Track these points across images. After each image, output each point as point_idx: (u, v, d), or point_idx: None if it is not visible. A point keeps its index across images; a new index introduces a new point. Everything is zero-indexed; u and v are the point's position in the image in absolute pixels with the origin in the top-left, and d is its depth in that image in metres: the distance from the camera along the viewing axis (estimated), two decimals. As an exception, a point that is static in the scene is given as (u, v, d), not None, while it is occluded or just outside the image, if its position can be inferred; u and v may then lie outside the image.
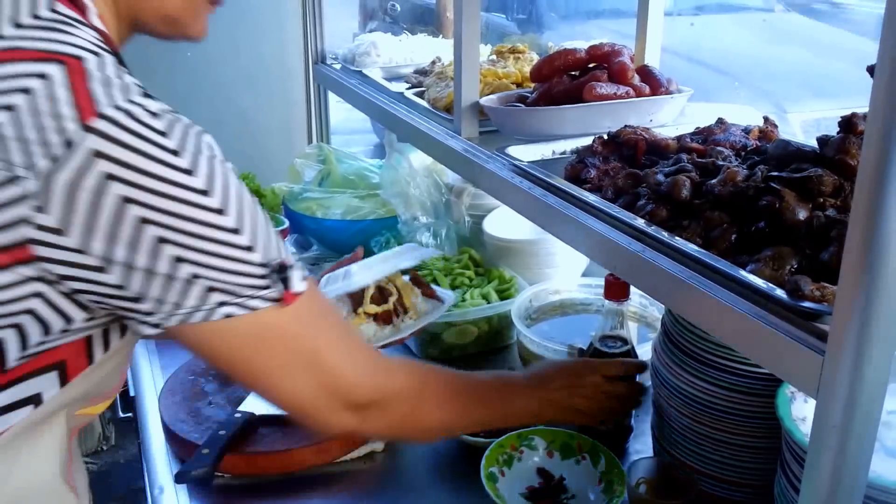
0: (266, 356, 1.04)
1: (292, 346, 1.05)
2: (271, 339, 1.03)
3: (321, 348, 1.09)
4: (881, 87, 0.68)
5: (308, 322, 1.06)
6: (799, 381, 0.84)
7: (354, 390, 1.13)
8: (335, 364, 1.10)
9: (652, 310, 1.94)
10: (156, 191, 0.87)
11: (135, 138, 0.86)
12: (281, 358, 1.05)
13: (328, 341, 1.10)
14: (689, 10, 5.76)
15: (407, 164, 2.23)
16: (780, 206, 0.99)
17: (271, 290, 0.98)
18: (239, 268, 0.94)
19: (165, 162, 0.88)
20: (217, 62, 2.85)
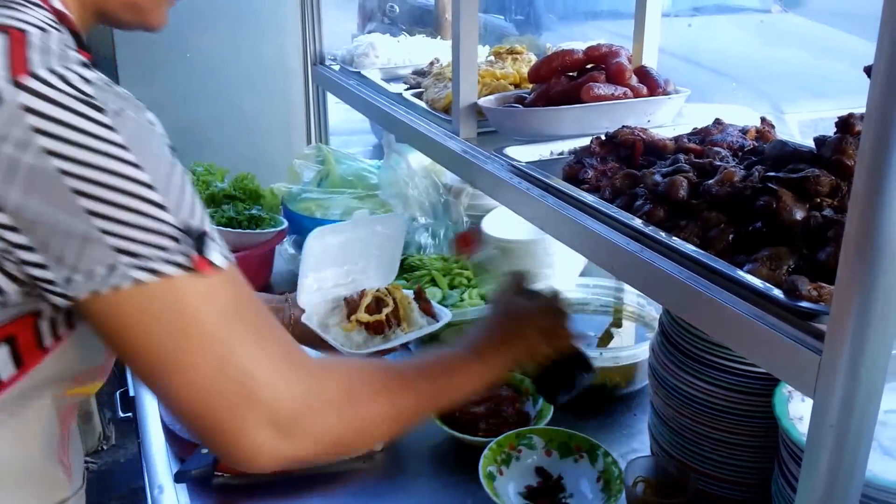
0: (171, 334, 0.91)
1: (199, 326, 0.93)
2: (176, 314, 0.91)
3: (235, 338, 0.95)
4: (878, 87, 0.69)
5: (222, 304, 0.95)
6: (796, 380, 0.85)
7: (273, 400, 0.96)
8: (251, 361, 0.95)
9: (649, 309, 1.95)
10: (76, 142, 0.86)
11: (61, 95, 0.86)
12: (184, 340, 0.92)
13: (246, 332, 0.96)
14: (687, 12, 5.77)
15: (405, 165, 2.23)
16: (778, 207, 1.00)
17: (182, 255, 0.90)
18: (148, 224, 0.88)
19: (89, 117, 0.87)
20: (216, 64, 2.85)
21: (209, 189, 2.36)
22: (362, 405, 1.08)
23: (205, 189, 2.36)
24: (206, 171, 2.43)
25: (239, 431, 0.94)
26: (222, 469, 1.48)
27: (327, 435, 1.02)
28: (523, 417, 1.65)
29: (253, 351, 0.96)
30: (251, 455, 0.96)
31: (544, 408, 1.65)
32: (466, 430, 1.59)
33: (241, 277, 0.99)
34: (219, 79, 2.88)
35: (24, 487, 1.06)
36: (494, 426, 1.60)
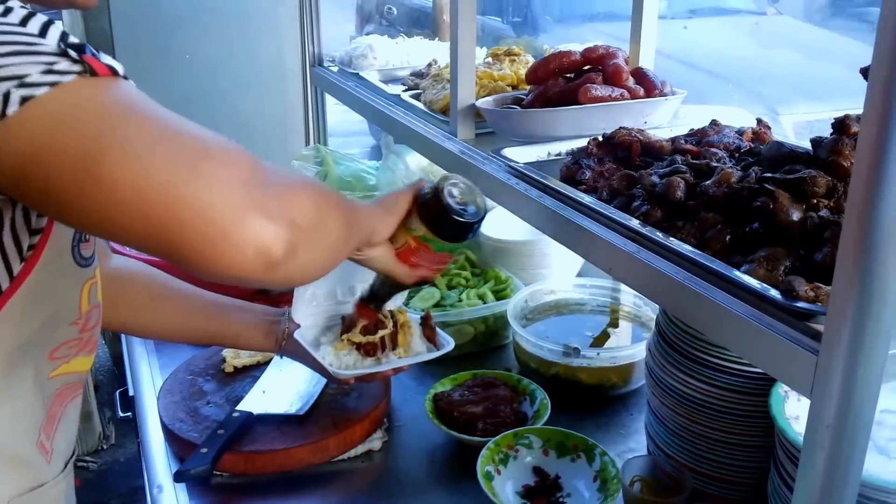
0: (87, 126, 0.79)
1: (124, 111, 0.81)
2: (90, 107, 0.80)
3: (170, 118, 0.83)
4: (876, 87, 0.70)
5: (142, 100, 0.83)
6: (793, 380, 0.85)
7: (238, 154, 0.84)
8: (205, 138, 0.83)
9: (646, 309, 1.95)
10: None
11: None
12: (111, 123, 0.79)
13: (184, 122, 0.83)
14: (682, 14, 5.79)
15: (403, 166, 2.24)
16: (774, 207, 1.01)
17: (67, 60, 0.80)
18: (26, 48, 0.79)
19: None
20: (215, 65, 2.87)
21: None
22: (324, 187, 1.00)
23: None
24: (204, 172, 2.43)
25: (204, 195, 0.80)
26: (221, 468, 1.49)
27: (299, 210, 0.90)
28: (521, 417, 1.66)
29: (187, 126, 0.83)
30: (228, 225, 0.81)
31: (541, 408, 1.66)
32: (464, 430, 1.60)
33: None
34: (217, 80, 2.89)
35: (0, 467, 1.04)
36: (492, 426, 1.60)
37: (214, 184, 0.80)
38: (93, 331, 1.15)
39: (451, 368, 1.78)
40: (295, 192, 0.91)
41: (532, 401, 1.70)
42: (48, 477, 1.12)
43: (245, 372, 1.75)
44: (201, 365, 1.77)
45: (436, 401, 1.67)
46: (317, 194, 0.96)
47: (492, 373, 1.76)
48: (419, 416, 1.66)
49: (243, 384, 1.70)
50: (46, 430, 1.11)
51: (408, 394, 1.79)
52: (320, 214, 0.95)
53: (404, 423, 1.70)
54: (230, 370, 1.75)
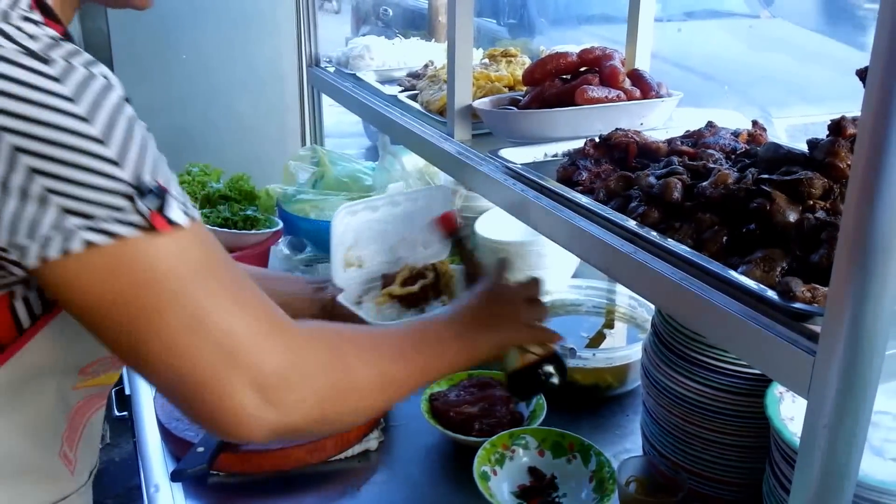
0: (134, 299, 0.85)
1: (168, 287, 0.86)
2: (140, 275, 0.85)
3: (211, 299, 0.89)
4: (873, 89, 0.70)
5: (193, 263, 0.88)
6: (790, 381, 0.86)
7: (255, 356, 0.90)
8: (231, 322, 0.89)
9: (641, 311, 1.96)
10: (18, 96, 0.81)
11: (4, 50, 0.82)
12: (155, 303, 0.86)
13: (221, 293, 0.90)
14: (677, 17, 5.80)
15: (400, 167, 2.24)
16: (771, 209, 1.01)
17: (135, 213, 0.84)
18: (98, 182, 0.82)
19: (32, 69, 0.82)
20: (212, 65, 2.87)
21: (205, 189, 2.36)
22: (351, 370, 1.03)
23: (200, 189, 2.36)
24: (201, 172, 2.44)
25: (222, 396, 0.88)
26: (218, 468, 1.49)
27: (316, 401, 0.96)
28: (517, 418, 1.66)
29: (231, 310, 0.90)
30: (236, 421, 0.89)
31: (537, 408, 1.66)
32: (460, 431, 1.60)
33: (211, 237, 0.93)
34: (214, 80, 2.89)
35: (22, 479, 1.04)
36: (488, 426, 1.61)
37: (232, 386, 0.89)
38: None
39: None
40: (311, 384, 0.96)
41: (528, 401, 1.70)
42: (72, 489, 1.11)
43: (241, 372, 1.75)
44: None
45: (432, 401, 1.68)
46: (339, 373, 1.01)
47: (488, 373, 1.76)
48: (415, 416, 1.66)
49: (239, 384, 1.70)
50: (69, 441, 1.09)
51: (404, 394, 1.79)
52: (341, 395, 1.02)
53: (401, 423, 1.70)
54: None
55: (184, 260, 0.88)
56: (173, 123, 2.89)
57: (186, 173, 2.47)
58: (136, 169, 0.85)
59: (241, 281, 0.95)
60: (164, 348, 0.87)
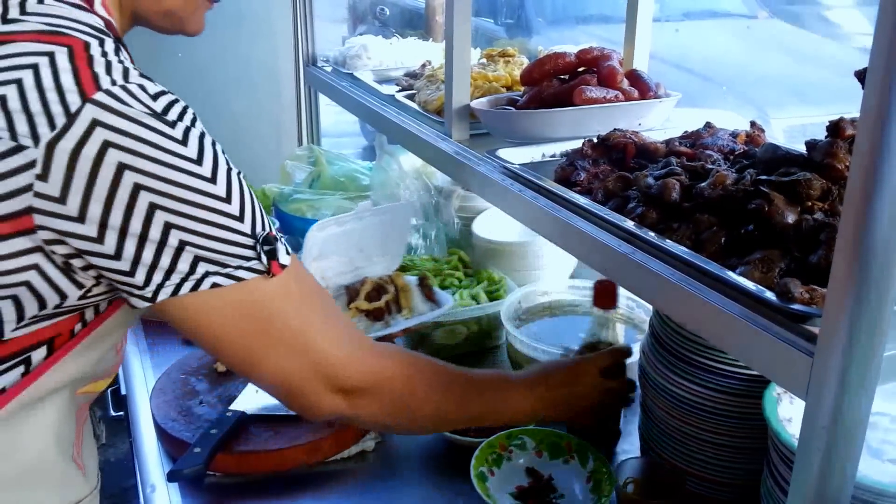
0: (251, 330, 1.04)
1: (278, 321, 1.06)
2: (257, 312, 1.03)
3: (308, 326, 1.09)
4: (873, 90, 0.70)
5: (295, 298, 1.07)
6: (789, 382, 0.86)
7: (342, 373, 1.13)
8: (323, 344, 1.11)
9: (639, 311, 1.95)
10: (151, 157, 0.90)
11: (132, 110, 0.90)
12: (266, 333, 1.05)
13: (315, 319, 1.11)
14: (674, 17, 5.80)
15: (397, 167, 2.24)
16: (769, 210, 1.01)
17: (257, 261, 1.00)
18: (227, 236, 0.97)
19: (160, 131, 0.91)
20: (208, 64, 2.86)
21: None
22: (420, 396, 1.26)
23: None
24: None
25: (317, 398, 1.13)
26: (215, 468, 1.48)
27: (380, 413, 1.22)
28: (514, 418, 1.66)
29: (323, 333, 1.11)
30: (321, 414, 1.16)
31: (535, 409, 1.66)
32: (457, 431, 1.60)
33: (303, 268, 1.12)
34: (210, 79, 2.89)
35: (44, 486, 1.09)
36: (485, 427, 1.60)
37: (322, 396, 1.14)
38: (122, 352, 1.23)
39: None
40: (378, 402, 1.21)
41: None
42: (86, 492, 1.17)
43: (238, 372, 1.75)
44: (194, 364, 1.77)
45: (429, 401, 1.67)
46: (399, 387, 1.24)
47: (484, 374, 1.76)
48: (412, 416, 1.66)
49: (236, 384, 1.70)
50: (77, 445, 1.15)
51: (401, 394, 1.79)
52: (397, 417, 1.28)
53: (397, 423, 1.70)
54: (223, 370, 1.74)
55: (288, 296, 1.06)
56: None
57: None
58: (253, 221, 1.00)
59: (329, 306, 1.18)
60: (272, 367, 1.09)
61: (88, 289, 0.98)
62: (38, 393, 1.03)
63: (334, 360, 1.12)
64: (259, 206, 1.03)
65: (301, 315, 1.08)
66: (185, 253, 0.95)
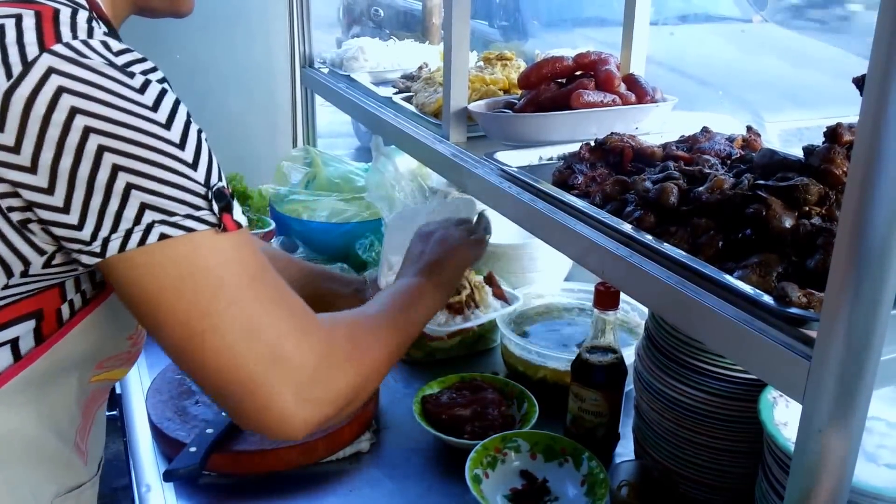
0: (195, 291, 0.93)
1: (229, 285, 0.95)
2: (204, 270, 0.94)
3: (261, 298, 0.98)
4: (872, 95, 0.70)
5: (248, 262, 0.97)
6: (786, 385, 0.86)
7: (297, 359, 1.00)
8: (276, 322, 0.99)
9: (633, 315, 1.96)
10: (104, 101, 0.89)
11: (90, 61, 0.90)
12: (213, 297, 0.94)
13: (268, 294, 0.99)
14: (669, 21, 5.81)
15: (392, 168, 2.24)
16: (767, 214, 1.01)
17: (208, 211, 0.93)
18: (177, 180, 0.92)
19: (116, 79, 0.91)
20: (204, 65, 2.86)
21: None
22: (367, 354, 1.14)
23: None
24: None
25: (268, 399, 0.97)
26: (210, 468, 1.48)
27: (343, 390, 1.06)
28: (508, 421, 1.66)
29: (278, 314, 0.99)
30: (279, 422, 0.99)
31: (529, 411, 1.67)
32: (452, 433, 1.60)
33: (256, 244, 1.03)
34: (207, 80, 2.88)
35: (43, 468, 1.09)
36: (480, 429, 1.61)
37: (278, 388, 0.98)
38: (140, 343, 1.21)
39: (439, 371, 1.79)
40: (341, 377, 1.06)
41: (520, 404, 1.71)
42: (85, 478, 1.17)
43: (233, 372, 1.75)
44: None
45: (424, 403, 1.68)
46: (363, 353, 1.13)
47: (479, 376, 1.77)
48: (407, 418, 1.66)
49: (231, 384, 1.70)
50: (81, 433, 1.15)
51: (396, 396, 1.79)
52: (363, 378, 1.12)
53: (392, 425, 1.70)
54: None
55: (241, 260, 0.97)
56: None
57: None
58: (207, 172, 0.95)
59: (281, 284, 1.03)
60: (218, 348, 0.95)
61: (51, 255, 0.96)
62: (35, 376, 1.03)
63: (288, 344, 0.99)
64: (217, 165, 0.97)
65: (255, 286, 0.97)
66: (131, 198, 0.90)
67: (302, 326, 1.02)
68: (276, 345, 0.98)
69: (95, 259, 0.92)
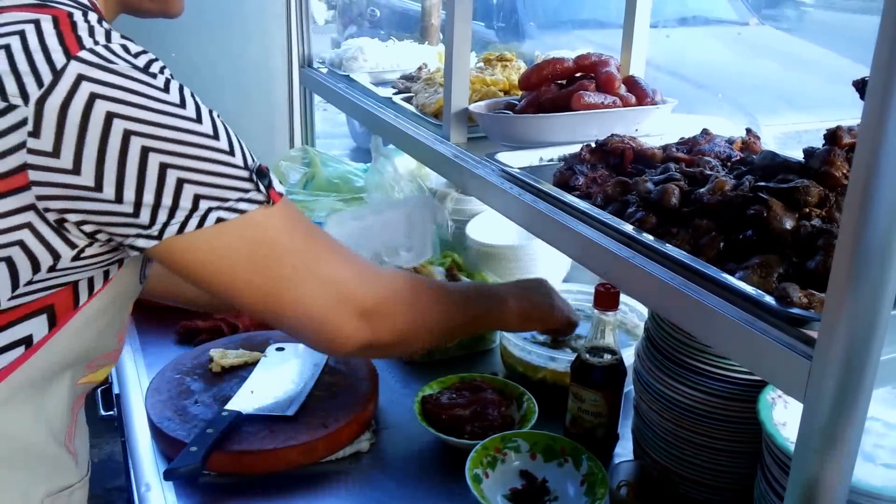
0: (265, 263, 1.06)
1: (290, 250, 1.08)
2: (267, 243, 1.05)
3: (319, 253, 1.12)
4: (874, 97, 0.71)
5: (301, 226, 1.10)
6: (787, 385, 0.87)
7: (360, 294, 1.16)
8: (337, 269, 1.14)
9: (632, 316, 1.96)
10: (137, 104, 0.94)
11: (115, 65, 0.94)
12: (280, 263, 1.07)
13: (323, 246, 1.14)
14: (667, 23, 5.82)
15: (392, 169, 2.25)
16: (768, 215, 1.02)
17: (256, 191, 1.02)
18: (222, 170, 0.99)
19: (143, 81, 0.95)
20: (201, 64, 2.86)
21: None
22: (425, 309, 1.31)
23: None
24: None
25: (338, 326, 1.15)
26: (210, 468, 1.49)
27: (399, 324, 1.24)
28: (508, 421, 1.66)
29: (336, 259, 1.15)
30: (345, 343, 1.18)
31: (529, 412, 1.67)
32: (452, 433, 1.61)
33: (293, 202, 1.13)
34: (204, 79, 2.88)
35: (35, 468, 1.10)
36: (479, 429, 1.61)
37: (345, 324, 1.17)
38: (124, 341, 1.24)
39: (439, 372, 1.79)
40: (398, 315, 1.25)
41: (519, 405, 1.71)
42: (76, 478, 1.19)
43: (232, 372, 1.75)
44: (189, 364, 1.77)
45: (424, 403, 1.68)
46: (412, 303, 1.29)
47: (479, 376, 1.77)
48: (407, 418, 1.67)
49: (231, 384, 1.70)
50: (69, 435, 1.17)
51: (395, 396, 1.79)
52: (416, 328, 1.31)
53: (392, 425, 1.70)
54: (217, 370, 1.75)
55: (294, 224, 1.09)
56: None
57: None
58: (244, 155, 1.03)
59: (330, 237, 1.19)
60: (292, 300, 1.10)
61: (81, 249, 1.00)
62: (34, 374, 1.04)
63: (351, 283, 1.15)
64: (244, 144, 1.05)
65: (309, 242, 1.11)
66: (184, 191, 0.97)
67: (360, 270, 1.18)
68: (339, 285, 1.14)
69: (153, 242, 0.99)
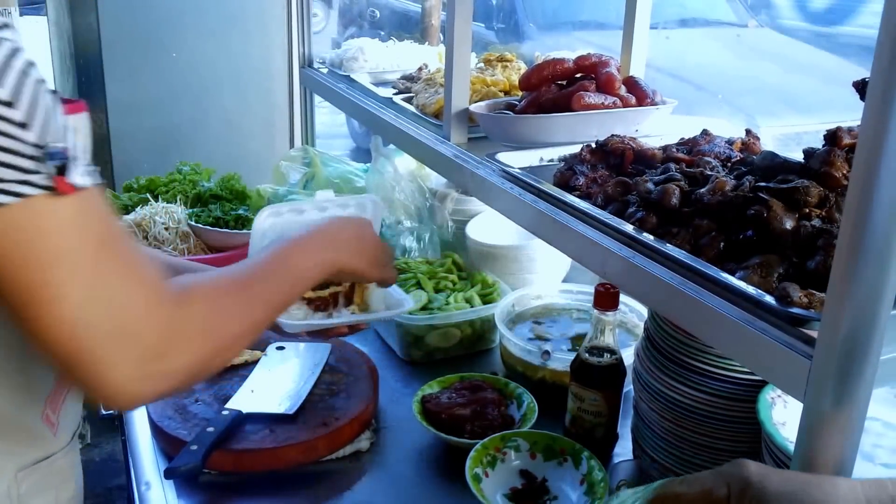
0: (34, 263, 0.88)
1: (69, 252, 0.89)
2: (40, 239, 0.88)
3: (108, 265, 0.93)
4: (874, 98, 0.71)
5: (93, 228, 0.92)
6: (787, 384, 0.87)
7: (144, 333, 0.95)
8: (124, 290, 0.94)
9: (631, 316, 1.97)
10: None
11: None
12: (51, 267, 0.88)
13: (116, 264, 0.94)
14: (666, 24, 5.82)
15: (392, 169, 2.25)
16: (768, 216, 1.03)
17: (39, 174, 0.86)
18: (6, 144, 0.84)
19: None
20: (202, 64, 2.87)
21: (195, 188, 2.36)
22: (224, 328, 1.09)
23: (191, 188, 2.36)
24: (192, 171, 2.44)
25: (108, 368, 0.93)
26: (210, 466, 1.49)
27: (190, 364, 1.02)
28: (508, 420, 1.67)
29: (124, 284, 0.94)
30: (115, 391, 0.95)
31: (528, 411, 1.67)
32: (452, 432, 1.61)
33: (105, 200, 0.95)
34: (204, 79, 2.90)
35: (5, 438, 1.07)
36: (479, 428, 1.61)
37: (116, 361, 0.93)
38: None
39: (439, 371, 1.80)
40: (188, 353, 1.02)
41: (519, 404, 1.72)
42: (55, 449, 1.14)
43: (233, 371, 1.76)
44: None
45: (424, 403, 1.68)
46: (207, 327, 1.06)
47: (479, 376, 1.77)
48: (407, 417, 1.67)
49: (231, 383, 1.71)
50: (52, 404, 1.12)
51: (395, 395, 1.80)
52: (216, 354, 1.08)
53: (392, 424, 1.71)
54: (217, 369, 1.75)
55: (84, 225, 0.91)
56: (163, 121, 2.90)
57: (177, 171, 2.47)
58: (42, 132, 0.86)
59: (131, 247, 0.99)
60: (59, 317, 0.90)
61: None
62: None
63: (134, 317, 0.94)
64: (62, 122, 0.90)
65: (96, 251, 0.92)
66: None
67: (151, 298, 0.97)
68: (118, 316, 0.93)
69: None
